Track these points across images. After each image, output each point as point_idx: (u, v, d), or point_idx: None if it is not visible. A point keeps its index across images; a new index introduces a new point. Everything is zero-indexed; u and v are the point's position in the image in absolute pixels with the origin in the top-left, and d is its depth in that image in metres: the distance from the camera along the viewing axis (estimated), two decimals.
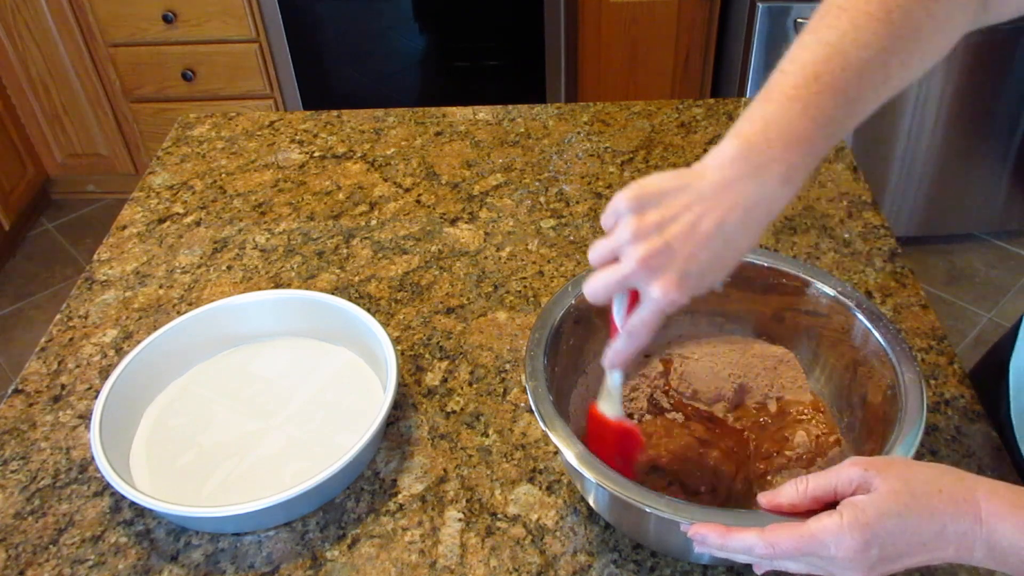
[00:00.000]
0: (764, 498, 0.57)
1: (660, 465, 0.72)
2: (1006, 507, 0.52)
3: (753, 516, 0.58)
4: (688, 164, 0.59)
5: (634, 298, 0.59)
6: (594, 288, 0.58)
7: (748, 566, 0.61)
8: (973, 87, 2.11)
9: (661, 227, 0.55)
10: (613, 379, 0.66)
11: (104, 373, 0.91)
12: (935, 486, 0.53)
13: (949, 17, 0.58)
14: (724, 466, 0.72)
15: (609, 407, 0.67)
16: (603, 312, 0.79)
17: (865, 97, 0.57)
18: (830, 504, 0.55)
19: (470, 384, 0.87)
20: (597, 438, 0.68)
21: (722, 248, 0.56)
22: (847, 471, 0.54)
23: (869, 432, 0.72)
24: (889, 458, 0.56)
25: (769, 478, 0.71)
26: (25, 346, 2.32)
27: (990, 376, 0.85)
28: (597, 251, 0.59)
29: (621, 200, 0.57)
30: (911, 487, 0.52)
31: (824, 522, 0.53)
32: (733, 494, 0.71)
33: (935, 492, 0.52)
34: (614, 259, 0.57)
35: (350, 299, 0.92)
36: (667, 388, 0.78)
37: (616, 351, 0.61)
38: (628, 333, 0.59)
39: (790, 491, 0.56)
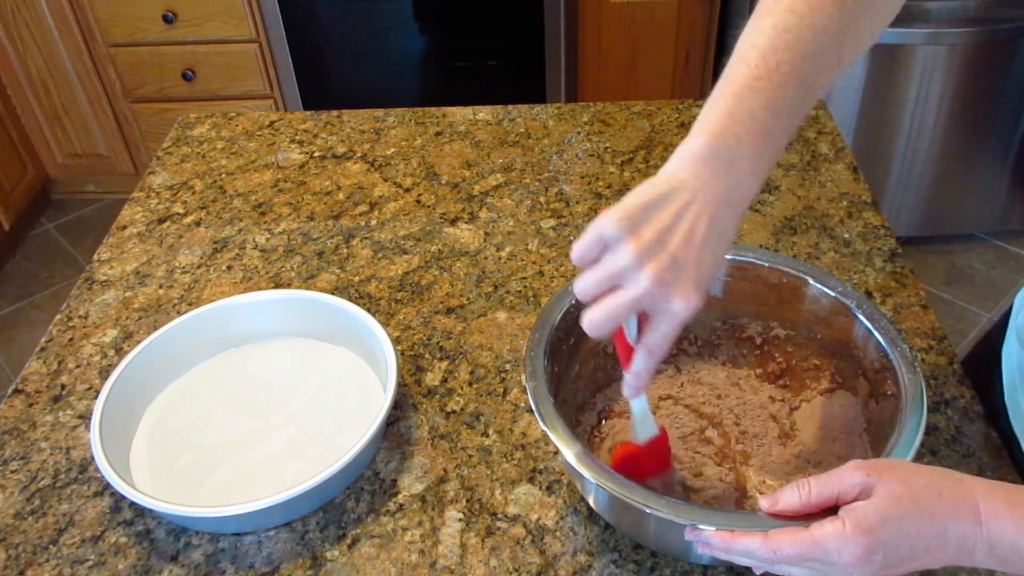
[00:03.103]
0: (766, 502, 0.57)
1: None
2: (1004, 507, 0.52)
3: (754, 518, 0.58)
4: None
5: (640, 318, 0.59)
6: (599, 321, 0.56)
7: (749, 568, 0.61)
8: (973, 87, 2.11)
9: (661, 241, 0.55)
10: (640, 405, 0.66)
11: (104, 373, 0.91)
12: (935, 490, 0.53)
13: None
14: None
15: (649, 427, 0.68)
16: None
17: (820, 83, 0.58)
18: (832, 508, 0.55)
19: (470, 384, 0.87)
20: (634, 468, 0.68)
21: (718, 245, 0.56)
22: (849, 476, 0.54)
23: (869, 432, 0.72)
24: (889, 461, 0.56)
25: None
26: (25, 346, 2.32)
27: (982, 363, 0.85)
28: (588, 283, 0.56)
29: (608, 226, 0.55)
30: (912, 491, 0.52)
31: (827, 528, 0.53)
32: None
33: (935, 496, 0.53)
34: (610, 288, 0.56)
35: (350, 299, 0.92)
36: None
37: (637, 373, 0.60)
38: (649, 352, 0.58)
39: (792, 497, 0.56)
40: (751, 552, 0.55)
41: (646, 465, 0.70)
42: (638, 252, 0.54)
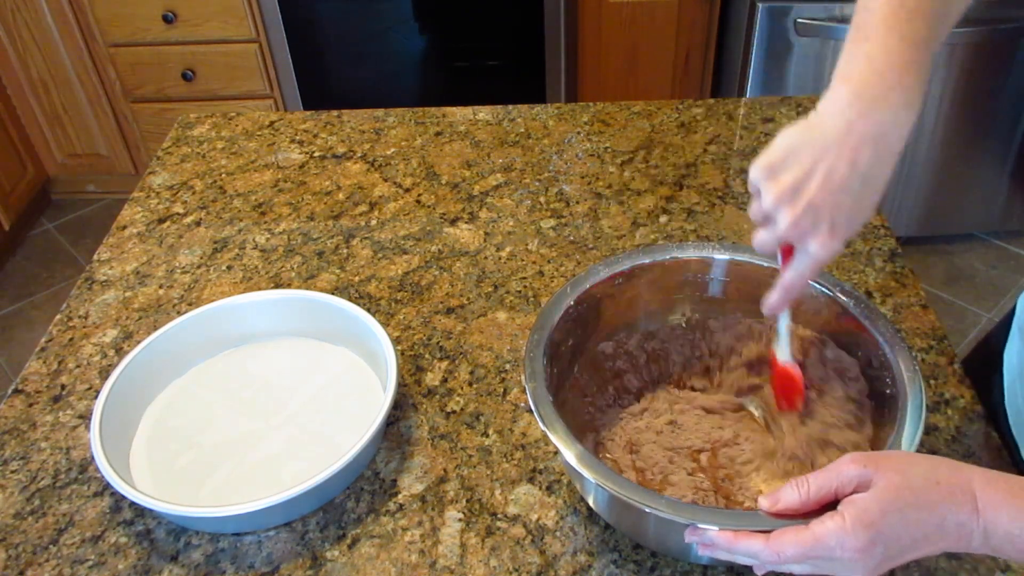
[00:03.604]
0: (766, 502, 0.57)
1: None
2: (1001, 496, 0.52)
3: (755, 517, 0.58)
4: (688, 164, 0.61)
5: (789, 250, 0.63)
6: (760, 243, 0.63)
7: (750, 568, 0.61)
8: (973, 87, 2.11)
9: (798, 189, 0.57)
10: (781, 324, 0.71)
11: (104, 373, 0.91)
12: (932, 478, 0.53)
13: None
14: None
15: (779, 351, 0.72)
16: (601, 310, 0.79)
17: (947, 11, 0.59)
18: (831, 503, 0.55)
19: (470, 384, 0.87)
20: (774, 380, 0.73)
21: (861, 187, 0.58)
22: (846, 470, 0.54)
23: (870, 433, 0.72)
24: (885, 452, 0.57)
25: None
26: (25, 346, 2.32)
27: (982, 364, 0.86)
28: (753, 211, 0.62)
29: (754, 169, 0.59)
30: (910, 481, 0.53)
31: (827, 525, 0.53)
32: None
33: (933, 484, 0.53)
34: (770, 219, 0.61)
35: (350, 299, 0.92)
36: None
37: (772, 303, 0.65)
38: (785, 287, 0.63)
39: (792, 495, 0.56)
40: (755, 554, 0.56)
41: (778, 383, 0.73)
42: (776, 198, 0.58)
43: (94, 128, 2.56)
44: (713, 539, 0.58)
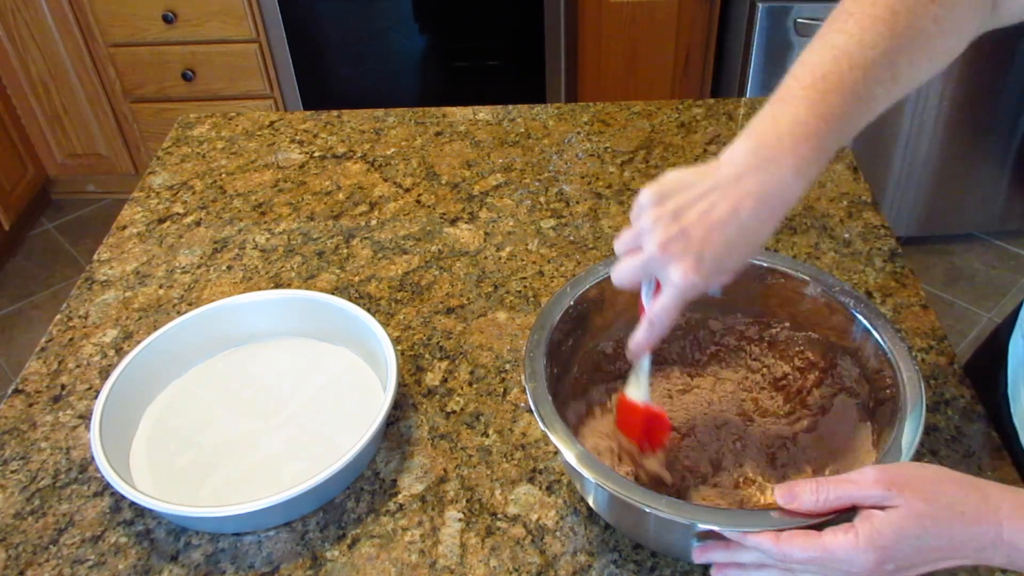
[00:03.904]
0: (780, 493, 0.57)
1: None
2: None
3: (756, 517, 0.58)
4: (688, 164, 0.61)
5: (659, 288, 0.62)
6: (619, 274, 0.61)
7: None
8: (973, 87, 2.11)
9: (678, 215, 0.58)
10: (641, 365, 0.68)
11: (104, 373, 0.91)
12: (958, 510, 0.53)
13: (956, 19, 0.61)
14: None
15: (637, 392, 0.69)
16: (601, 310, 0.79)
17: (874, 95, 0.59)
18: (846, 510, 0.55)
19: (470, 384, 0.87)
20: (626, 424, 0.71)
21: (736, 234, 0.58)
22: (869, 489, 0.54)
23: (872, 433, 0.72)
24: (913, 473, 0.55)
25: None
26: (25, 346, 2.32)
27: (988, 361, 0.86)
28: (622, 241, 0.62)
29: (644, 193, 0.60)
30: (934, 510, 0.52)
31: (839, 539, 0.53)
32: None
33: (958, 516, 0.53)
34: (637, 247, 0.60)
35: (350, 299, 0.92)
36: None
37: (638, 340, 0.63)
38: (650, 321, 0.61)
39: (809, 498, 0.56)
40: (761, 546, 0.56)
41: (637, 427, 0.70)
42: (654, 219, 0.58)
43: (94, 128, 2.56)
44: (711, 556, 0.59)
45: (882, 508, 0.53)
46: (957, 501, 0.53)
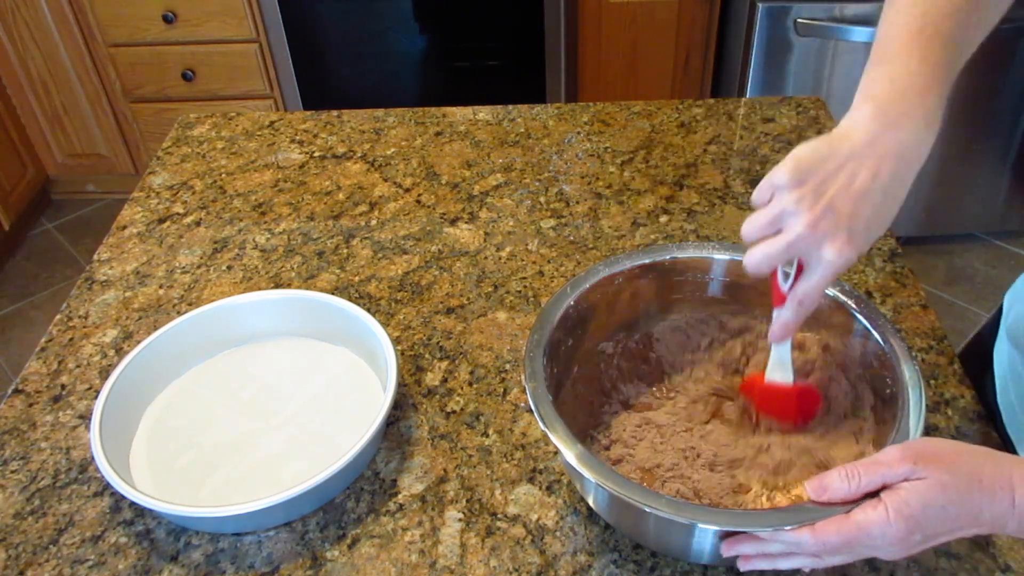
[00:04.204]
0: (812, 488, 0.58)
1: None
2: None
3: (756, 517, 0.58)
4: (688, 164, 0.61)
5: (799, 270, 0.62)
6: (757, 260, 0.60)
7: (751, 570, 0.61)
8: (973, 87, 2.11)
9: (819, 192, 0.57)
10: (783, 351, 0.69)
11: (104, 373, 0.91)
12: (976, 475, 0.54)
13: None
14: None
15: (783, 375, 0.69)
16: (601, 310, 0.79)
17: (966, 39, 0.61)
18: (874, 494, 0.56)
19: (470, 384, 0.87)
20: (776, 407, 0.71)
21: (881, 200, 0.58)
22: (898, 467, 0.55)
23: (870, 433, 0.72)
24: (933, 447, 0.57)
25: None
26: (25, 346, 2.32)
27: (975, 363, 0.87)
28: (754, 224, 0.60)
29: (780, 174, 0.58)
30: (956, 481, 0.54)
31: (871, 515, 0.54)
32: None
33: (976, 482, 0.54)
34: (773, 232, 0.59)
35: (350, 299, 0.92)
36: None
37: (785, 322, 0.63)
38: (799, 301, 0.61)
39: (842, 487, 0.57)
40: (798, 543, 0.56)
41: (788, 406, 0.71)
42: (797, 198, 0.57)
43: (94, 128, 2.57)
44: (740, 547, 0.59)
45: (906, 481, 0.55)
46: (975, 469, 0.55)
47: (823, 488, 0.57)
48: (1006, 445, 0.79)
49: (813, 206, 0.57)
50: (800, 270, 0.61)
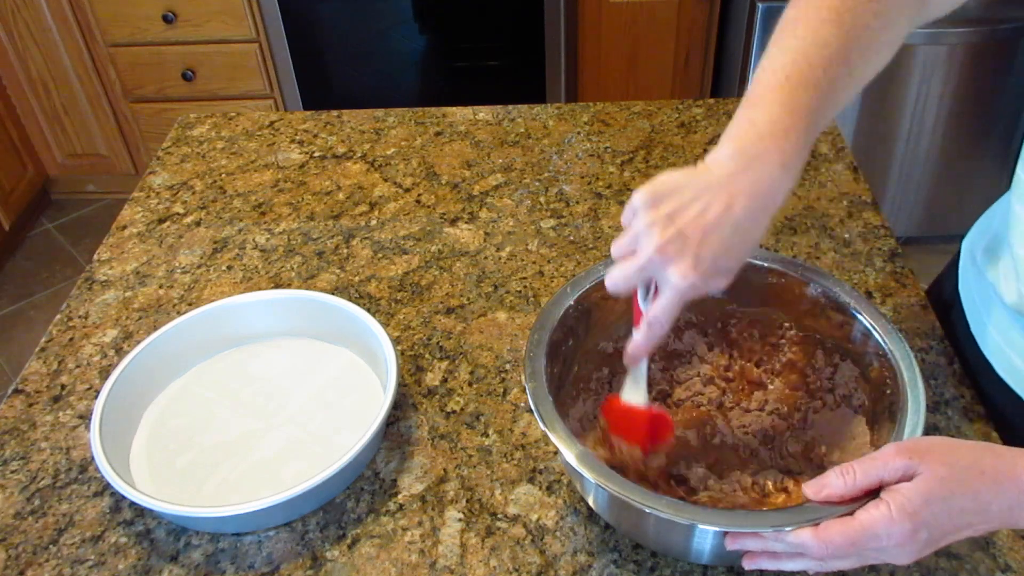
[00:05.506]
0: (810, 490, 0.58)
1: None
2: None
3: (756, 516, 0.58)
4: (688, 164, 0.61)
5: (656, 292, 0.62)
6: (614, 279, 0.62)
7: (751, 569, 0.61)
8: (973, 87, 2.11)
9: (673, 217, 0.59)
10: (638, 372, 0.68)
11: (104, 373, 0.91)
12: (977, 468, 0.55)
13: (892, 14, 0.65)
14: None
15: (636, 396, 0.69)
16: (601, 310, 0.79)
17: (835, 88, 0.62)
18: (873, 491, 0.56)
19: (470, 384, 0.87)
20: (626, 428, 0.70)
21: (732, 233, 0.59)
22: (892, 461, 0.56)
23: (870, 433, 0.72)
24: (928, 441, 0.57)
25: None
26: (25, 346, 2.32)
27: (939, 308, 0.91)
28: (617, 245, 0.62)
29: (637, 196, 0.60)
30: (955, 472, 0.54)
31: (873, 513, 0.54)
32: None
33: (977, 474, 0.54)
34: (632, 252, 0.61)
35: (350, 299, 0.92)
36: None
37: (637, 343, 0.64)
38: (649, 323, 0.62)
39: (838, 483, 0.57)
40: (803, 545, 0.56)
41: (637, 430, 0.70)
42: (649, 222, 0.59)
43: (94, 128, 2.56)
44: (744, 543, 0.59)
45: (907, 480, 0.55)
46: (975, 462, 0.55)
47: (821, 487, 0.58)
48: (976, 386, 0.82)
49: (664, 230, 0.58)
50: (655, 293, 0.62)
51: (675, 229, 0.58)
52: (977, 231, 0.89)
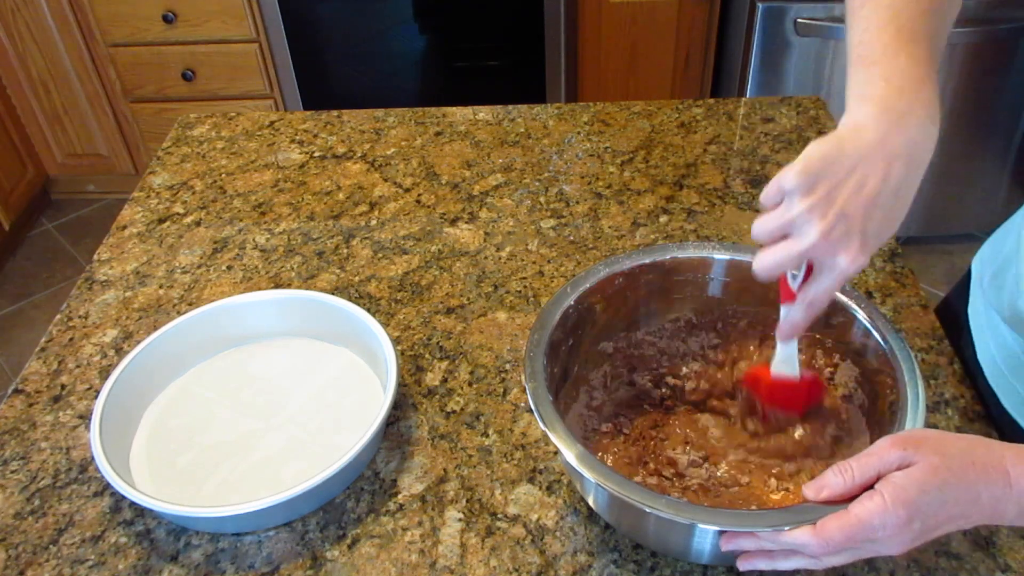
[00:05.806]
0: (810, 491, 0.58)
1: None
2: None
3: (756, 516, 0.58)
4: (688, 164, 0.61)
5: (808, 268, 0.62)
6: (767, 265, 0.60)
7: (751, 570, 0.61)
8: (973, 87, 2.11)
9: (831, 198, 0.57)
10: (790, 348, 0.69)
11: (104, 373, 0.91)
12: (968, 458, 0.55)
13: None
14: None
15: (789, 369, 0.70)
16: (601, 310, 0.79)
17: (937, 34, 0.62)
18: (871, 487, 0.56)
19: (470, 384, 0.87)
20: (779, 398, 0.72)
21: (892, 203, 0.58)
22: (887, 454, 0.56)
23: (869, 432, 0.72)
24: (922, 433, 0.57)
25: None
26: (25, 346, 2.32)
27: (949, 327, 0.90)
28: (764, 228, 0.60)
29: (789, 178, 0.58)
30: (948, 461, 0.54)
31: (867, 505, 0.54)
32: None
33: (969, 464, 0.55)
34: (782, 236, 0.59)
35: (350, 299, 0.92)
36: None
37: (794, 322, 0.64)
38: (809, 303, 0.62)
39: (836, 482, 0.57)
40: (803, 545, 0.56)
41: (795, 397, 0.72)
42: (809, 206, 0.57)
43: (94, 128, 2.57)
44: (740, 543, 0.59)
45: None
46: (966, 452, 0.55)
47: (820, 488, 0.58)
48: (985, 405, 0.81)
49: (826, 214, 0.57)
50: (810, 270, 0.62)
51: (837, 211, 0.57)
52: (988, 252, 0.87)
